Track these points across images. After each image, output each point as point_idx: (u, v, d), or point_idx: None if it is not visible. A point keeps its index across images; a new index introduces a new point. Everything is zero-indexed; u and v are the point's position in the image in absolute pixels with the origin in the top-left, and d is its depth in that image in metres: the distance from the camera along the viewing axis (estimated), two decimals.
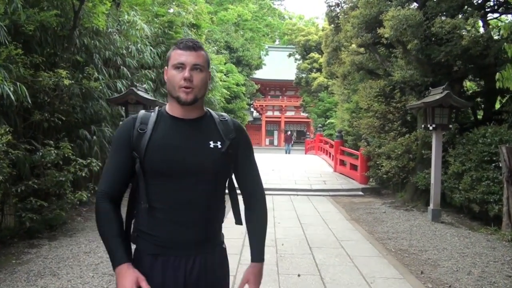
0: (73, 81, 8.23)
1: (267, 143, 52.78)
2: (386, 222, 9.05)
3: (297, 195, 12.63)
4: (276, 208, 10.36)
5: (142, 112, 1.99)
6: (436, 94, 9.12)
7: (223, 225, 2.09)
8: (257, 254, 2.09)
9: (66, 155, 7.48)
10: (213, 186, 1.93)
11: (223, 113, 2.12)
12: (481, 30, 11.10)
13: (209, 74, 2.00)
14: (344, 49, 16.32)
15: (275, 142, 53.25)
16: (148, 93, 10.10)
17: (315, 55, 34.20)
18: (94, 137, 8.94)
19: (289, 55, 41.28)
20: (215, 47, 20.76)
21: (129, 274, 1.78)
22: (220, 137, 1.95)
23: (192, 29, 14.91)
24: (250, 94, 29.85)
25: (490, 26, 11.47)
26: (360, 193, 13.05)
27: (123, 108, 9.31)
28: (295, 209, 10.29)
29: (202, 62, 1.89)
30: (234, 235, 7.28)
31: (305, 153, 27.93)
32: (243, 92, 24.17)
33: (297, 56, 38.93)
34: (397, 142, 11.53)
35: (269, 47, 48.66)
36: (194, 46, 1.88)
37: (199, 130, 1.94)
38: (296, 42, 36.67)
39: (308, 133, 38.93)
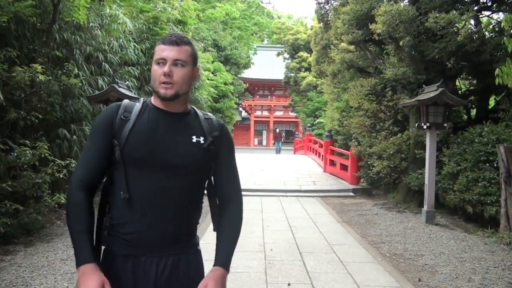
0: (50, 77, 7.82)
1: (256, 143, 52.58)
2: (379, 225, 8.73)
3: (286, 196, 12.29)
4: (265, 210, 10.00)
5: (126, 100, 1.95)
6: (430, 92, 8.82)
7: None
8: (222, 259, 1.92)
9: (42, 155, 7.07)
10: (193, 182, 1.88)
11: (208, 113, 2.08)
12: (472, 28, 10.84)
13: (196, 70, 1.94)
14: (334, 47, 16.05)
15: (264, 142, 53.06)
16: (132, 91, 9.69)
17: (304, 54, 33.96)
18: (74, 136, 8.47)
19: (278, 54, 41.06)
20: (202, 45, 20.34)
21: (94, 277, 1.66)
22: (203, 133, 1.91)
23: (178, 25, 14.46)
24: (238, 93, 29.37)
25: (482, 24, 11.22)
26: (351, 193, 12.73)
27: (105, 106, 8.87)
28: (284, 211, 9.94)
29: (184, 57, 1.83)
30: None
31: (294, 153, 27.54)
32: (231, 91, 23.72)
33: (286, 55, 38.71)
34: (388, 142, 11.23)
35: (257, 46, 48.49)
36: (177, 41, 1.83)
37: (183, 124, 1.90)
38: (284, 41, 36.42)
39: (297, 132, 38.45)
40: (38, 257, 5.87)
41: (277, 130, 37.16)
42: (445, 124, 9.09)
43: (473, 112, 11.83)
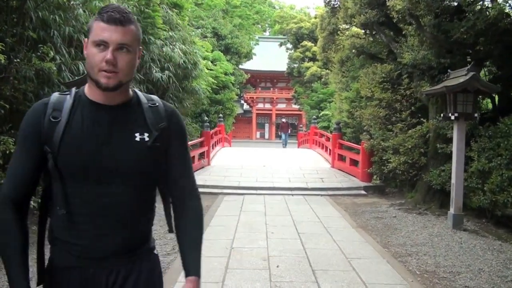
0: (18, 60, 6.71)
1: (258, 136, 51.64)
2: (400, 231, 7.59)
3: (292, 194, 11.17)
4: (269, 212, 8.87)
5: (55, 95, 1.66)
6: (459, 77, 7.67)
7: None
8: (195, 267, 1.76)
9: (7, 151, 6.00)
10: (140, 187, 1.66)
11: (153, 96, 1.79)
12: None
13: (140, 53, 1.66)
14: (342, 33, 14.90)
15: (266, 136, 52.17)
16: None
17: (308, 43, 32.81)
18: None
19: (280, 44, 40.03)
20: (200, 30, 19.06)
21: None
22: (147, 127, 1.66)
23: (174, 9, 13.31)
24: (239, 84, 28.15)
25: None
26: (363, 192, 11.59)
27: None
28: (290, 213, 8.80)
29: (130, 41, 1.56)
30: (216, 252, 5.79)
31: (298, 147, 26.35)
32: (232, 82, 22.47)
33: (289, 46, 37.62)
34: (406, 135, 10.07)
35: (259, 37, 47.42)
36: (121, 19, 1.53)
37: (124, 120, 1.64)
38: (287, 30, 35.22)
39: (301, 125, 37.03)
40: None
41: (284, 120, 33.63)
42: (476, 114, 7.93)
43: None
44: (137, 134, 1.63)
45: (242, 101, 49.89)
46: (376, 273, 5.22)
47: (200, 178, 12.13)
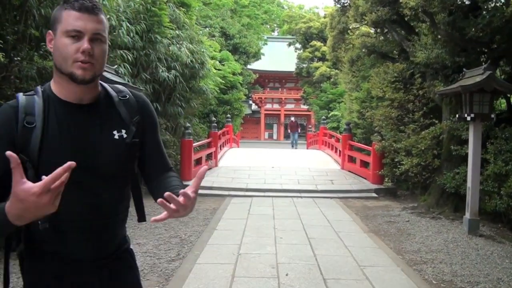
0: (19, 58, 6.52)
1: (266, 136, 51.35)
2: (414, 236, 7.31)
3: (301, 197, 10.90)
4: (277, 215, 8.62)
5: (21, 97, 1.52)
6: (475, 76, 7.37)
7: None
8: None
9: None
10: (121, 186, 1.64)
11: (120, 87, 1.70)
12: None
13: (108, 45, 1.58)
14: (352, 32, 14.61)
15: (275, 136, 51.89)
16: (122, 77, 8.35)
17: (317, 43, 32.52)
18: None
19: (289, 44, 39.72)
20: (208, 30, 18.74)
21: (21, 191, 1.19)
22: (123, 123, 1.60)
23: (181, 8, 13.09)
24: (247, 84, 27.83)
25: None
26: (374, 194, 11.30)
27: None
28: (299, 217, 8.54)
29: (103, 30, 1.51)
30: (222, 258, 5.53)
31: (307, 148, 26.02)
32: (240, 82, 22.14)
33: (298, 45, 37.32)
34: (419, 136, 9.78)
35: (268, 37, 47.18)
36: (94, 8, 1.47)
37: (99, 118, 1.57)
38: (296, 30, 34.90)
39: (310, 126, 36.66)
40: None
41: (292, 119, 30.72)
42: (492, 115, 7.63)
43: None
44: (115, 132, 1.57)
45: (251, 102, 49.62)
46: (390, 283, 4.95)
47: (208, 179, 11.90)
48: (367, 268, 5.43)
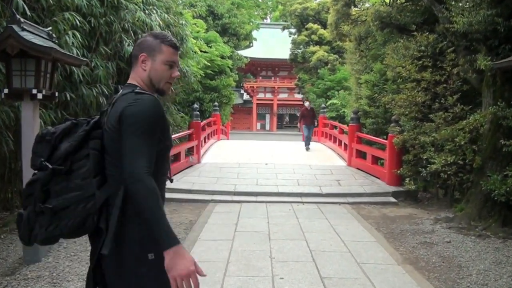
0: None
1: (259, 127, 49.40)
2: (467, 269, 5.13)
3: (303, 202, 8.74)
4: (274, 233, 6.44)
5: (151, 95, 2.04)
6: None
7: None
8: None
9: None
10: None
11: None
12: None
13: None
14: (361, 2, 12.42)
15: (267, 127, 49.95)
16: (65, 47, 6.08)
17: (313, 25, 30.21)
18: None
19: (283, 28, 37.50)
20: (195, 8, 16.32)
21: (189, 256, 1.81)
22: None
23: None
24: (238, 70, 25.53)
25: None
26: (392, 199, 9.11)
27: (4, 64, 5.21)
28: (304, 235, 6.36)
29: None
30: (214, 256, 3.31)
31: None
32: (230, 66, 19.83)
33: (292, 30, 35.10)
34: (456, 127, 7.62)
35: (260, 23, 44.98)
36: (178, 47, 2.12)
37: None
38: (291, 12, 32.56)
39: None
40: None
41: (307, 104, 18.00)
42: None
43: None
44: None
45: (242, 91, 47.95)
46: None
47: (187, 180, 9.74)
48: None
